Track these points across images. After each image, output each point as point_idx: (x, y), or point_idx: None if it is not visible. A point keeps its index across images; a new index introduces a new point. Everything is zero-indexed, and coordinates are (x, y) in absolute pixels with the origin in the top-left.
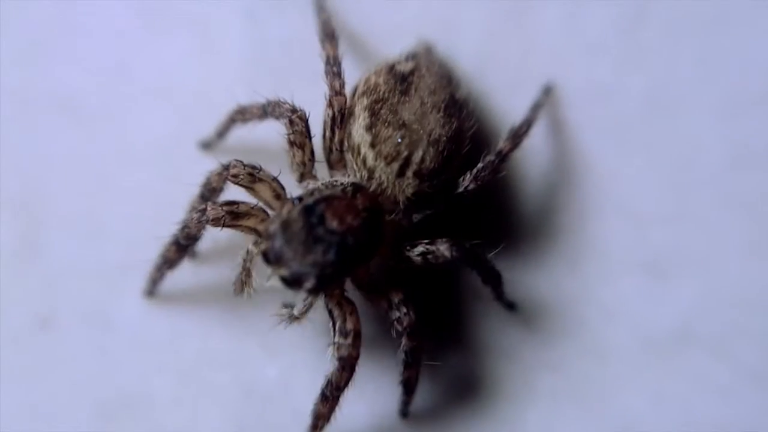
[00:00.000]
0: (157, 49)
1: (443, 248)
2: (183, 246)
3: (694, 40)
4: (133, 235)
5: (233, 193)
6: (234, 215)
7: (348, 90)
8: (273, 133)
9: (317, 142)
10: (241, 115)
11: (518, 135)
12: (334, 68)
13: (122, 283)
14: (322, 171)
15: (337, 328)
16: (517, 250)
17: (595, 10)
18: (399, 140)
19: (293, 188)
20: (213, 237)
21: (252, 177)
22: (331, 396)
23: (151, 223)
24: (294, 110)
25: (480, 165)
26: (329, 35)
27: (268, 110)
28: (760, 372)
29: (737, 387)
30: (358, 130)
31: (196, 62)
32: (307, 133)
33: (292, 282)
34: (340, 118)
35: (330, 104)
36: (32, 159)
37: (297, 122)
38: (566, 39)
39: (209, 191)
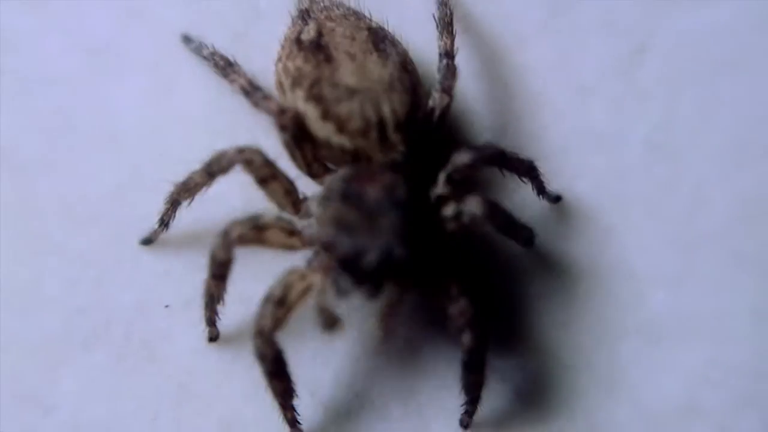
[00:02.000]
0: (104, 92)
1: (473, 203)
2: (221, 275)
3: (695, 85)
4: (76, 304)
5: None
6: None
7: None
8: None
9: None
10: (185, 192)
11: (446, 22)
12: (257, 93)
13: (61, 359)
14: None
15: (451, 297)
16: (509, 314)
17: (591, 51)
18: (359, 108)
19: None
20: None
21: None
22: (475, 362)
23: (95, 290)
24: (241, 150)
25: (438, 75)
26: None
27: (213, 169)
28: None
29: None
30: (316, 124)
31: (148, 106)
32: (270, 162)
33: (384, 264)
34: (296, 132)
35: (281, 127)
36: None
37: (252, 158)
38: (561, 81)
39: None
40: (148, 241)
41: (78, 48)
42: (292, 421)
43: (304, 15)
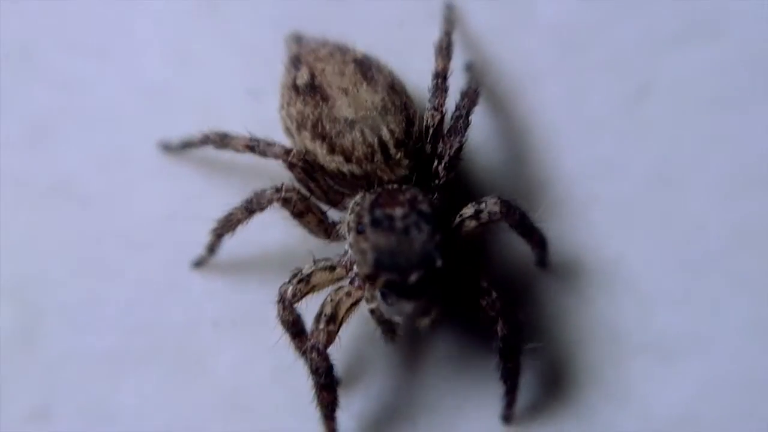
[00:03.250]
0: (158, 129)
1: (491, 203)
2: (298, 332)
3: (695, 121)
4: (132, 323)
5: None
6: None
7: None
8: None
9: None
10: (227, 227)
11: (443, 47)
12: (260, 144)
13: (120, 373)
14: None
15: (482, 290)
16: (526, 334)
17: (599, 89)
18: (360, 136)
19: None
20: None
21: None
22: (510, 349)
23: (149, 310)
24: (278, 189)
25: (429, 95)
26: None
27: (252, 207)
28: None
29: None
30: (326, 158)
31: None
32: (305, 197)
33: (427, 277)
34: (306, 167)
35: (290, 166)
36: (29, 244)
37: (288, 197)
38: (567, 115)
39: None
40: (198, 264)
41: (134, 89)
42: (332, 430)
43: (294, 61)
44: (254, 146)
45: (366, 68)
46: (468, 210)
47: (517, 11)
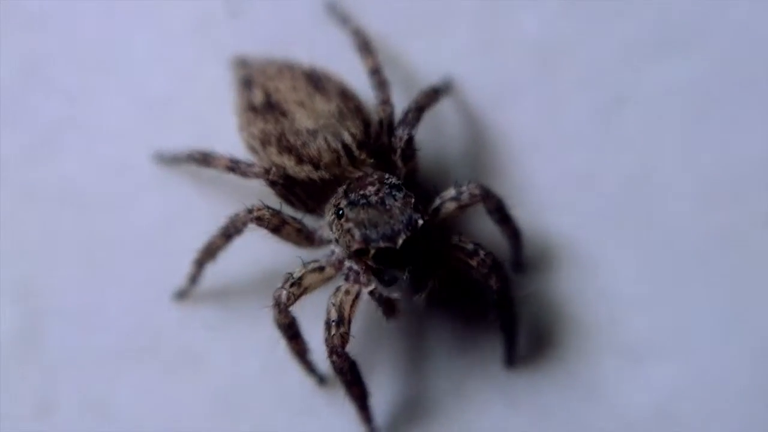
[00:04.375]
0: (156, 140)
1: (472, 186)
2: (293, 335)
3: (669, 131)
4: (131, 323)
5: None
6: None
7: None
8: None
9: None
10: (208, 255)
11: (362, 45)
12: (240, 165)
13: (120, 372)
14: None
15: (469, 252)
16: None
17: (575, 101)
18: (324, 143)
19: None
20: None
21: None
22: (504, 298)
23: (146, 310)
24: (249, 210)
25: (374, 92)
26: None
27: (229, 232)
28: None
29: None
30: (295, 169)
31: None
32: (277, 212)
33: (413, 236)
34: (285, 182)
35: (271, 184)
36: (34, 248)
37: (261, 215)
38: (545, 126)
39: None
40: (179, 296)
41: (136, 102)
42: (368, 420)
43: (246, 83)
44: (234, 167)
45: (316, 80)
46: (449, 192)
47: (498, 26)
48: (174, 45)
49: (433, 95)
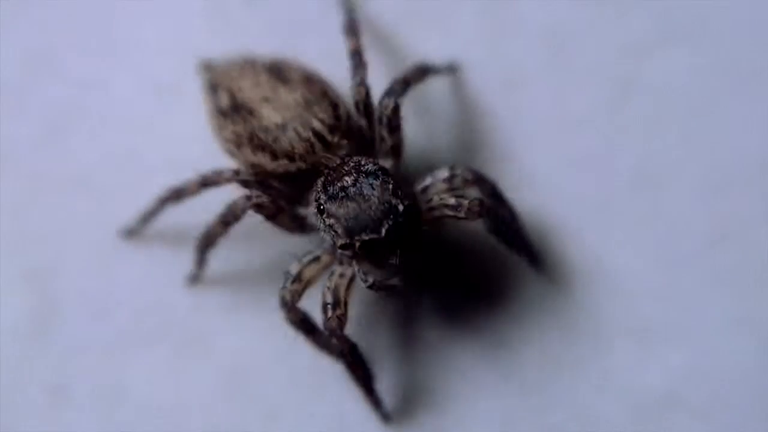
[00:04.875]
0: (166, 128)
1: (463, 167)
2: (310, 328)
3: (676, 120)
4: (142, 306)
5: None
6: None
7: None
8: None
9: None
10: (208, 242)
11: (350, 27)
12: (210, 178)
13: (132, 356)
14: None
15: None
16: (511, 322)
17: (583, 89)
18: (295, 135)
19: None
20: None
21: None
22: (502, 224)
23: (156, 294)
24: (248, 197)
25: (351, 73)
26: (174, 195)
27: (228, 219)
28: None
29: None
30: (272, 165)
31: (203, 137)
32: (273, 198)
33: (395, 223)
34: (263, 180)
35: (244, 184)
36: (47, 235)
37: (259, 202)
38: (551, 115)
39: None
40: (191, 280)
41: (146, 89)
42: (377, 402)
43: (212, 87)
44: (205, 182)
45: (278, 72)
46: (441, 172)
47: (506, 13)
48: (184, 31)
49: (421, 71)
